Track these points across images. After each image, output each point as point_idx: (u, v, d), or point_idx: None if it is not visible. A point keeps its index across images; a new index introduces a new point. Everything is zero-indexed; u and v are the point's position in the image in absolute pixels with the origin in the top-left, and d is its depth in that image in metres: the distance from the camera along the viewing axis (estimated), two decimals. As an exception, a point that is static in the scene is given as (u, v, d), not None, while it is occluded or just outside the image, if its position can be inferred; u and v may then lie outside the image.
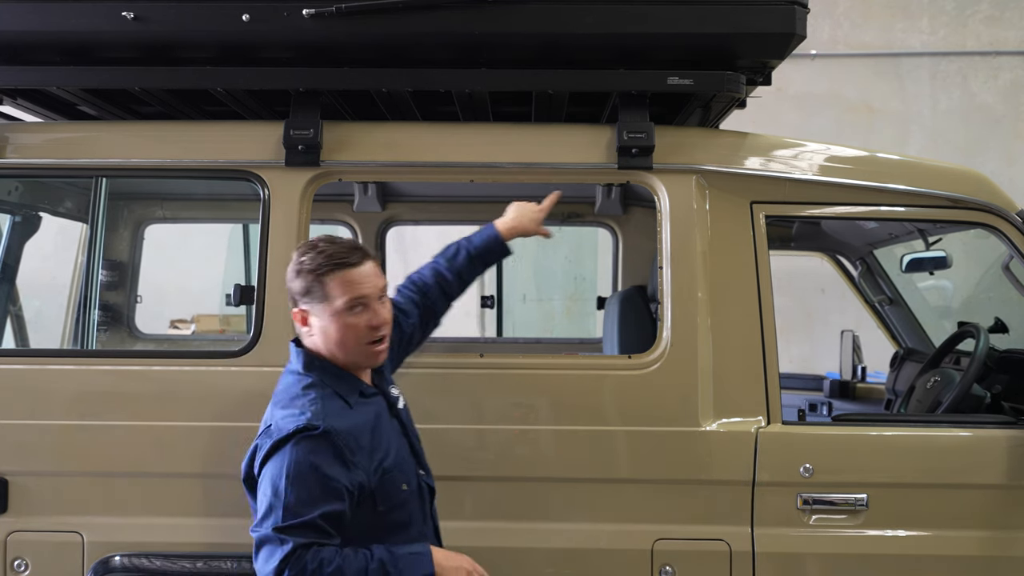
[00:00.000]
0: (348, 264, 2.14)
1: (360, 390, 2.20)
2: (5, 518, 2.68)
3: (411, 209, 4.50)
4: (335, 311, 2.13)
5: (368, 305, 2.15)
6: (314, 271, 2.13)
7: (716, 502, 2.67)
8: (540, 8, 2.55)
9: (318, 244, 2.18)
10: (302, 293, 2.15)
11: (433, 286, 2.58)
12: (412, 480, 2.23)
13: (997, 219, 2.78)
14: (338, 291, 2.12)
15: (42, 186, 3.67)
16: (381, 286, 2.19)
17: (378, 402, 2.25)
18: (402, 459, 2.22)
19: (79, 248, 4.17)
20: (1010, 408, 2.88)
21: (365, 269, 2.16)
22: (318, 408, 2.08)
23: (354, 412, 2.15)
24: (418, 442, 2.37)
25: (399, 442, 2.25)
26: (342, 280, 2.12)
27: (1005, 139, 7.36)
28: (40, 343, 4.29)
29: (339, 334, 2.14)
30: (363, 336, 2.15)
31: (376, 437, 2.16)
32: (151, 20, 2.56)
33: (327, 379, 2.16)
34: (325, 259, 2.13)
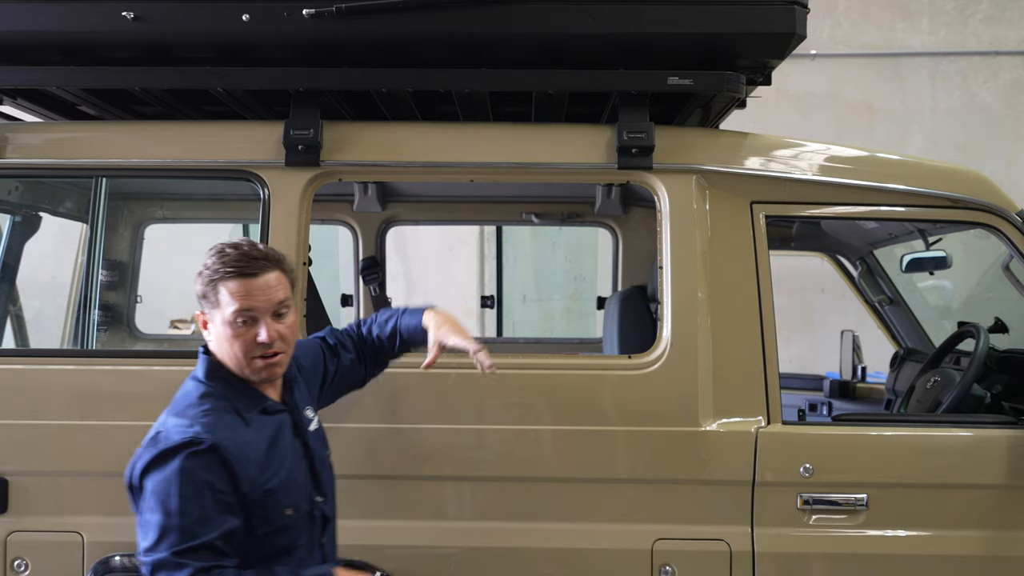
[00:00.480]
0: (242, 274, 2.04)
1: (263, 406, 2.13)
2: (5, 518, 2.68)
3: (411, 209, 4.50)
4: (224, 320, 2.05)
5: (257, 319, 2.05)
6: (210, 276, 2.06)
7: (716, 502, 2.67)
8: (540, 8, 2.55)
9: (225, 249, 2.08)
10: (200, 296, 2.09)
11: (374, 334, 2.52)
12: (302, 505, 2.14)
13: (997, 219, 2.78)
14: (227, 300, 2.04)
15: (42, 186, 3.67)
16: (278, 300, 2.07)
17: (282, 419, 2.16)
18: (292, 482, 2.12)
19: (79, 248, 4.17)
20: (1010, 408, 2.88)
21: (261, 281, 2.05)
22: (209, 421, 2.01)
23: (248, 428, 2.07)
24: (324, 468, 2.27)
25: (296, 464, 2.16)
26: (233, 289, 2.04)
27: (1005, 139, 7.35)
28: (40, 343, 4.29)
29: (228, 344, 2.07)
30: (250, 349, 2.06)
31: (267, 456, 2.08)
32: (151, 20, 2.56)
33: (227, 391, 2.09)
34: (222, 265, 2.05)
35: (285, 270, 2.13)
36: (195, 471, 1.95)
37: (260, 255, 2.09)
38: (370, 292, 4.54)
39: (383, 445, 2.67)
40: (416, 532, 2.69)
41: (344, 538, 2.62)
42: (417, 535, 2.69)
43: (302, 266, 2.72)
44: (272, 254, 2.12)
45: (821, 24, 7.31)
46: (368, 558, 2.65)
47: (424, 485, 2.70)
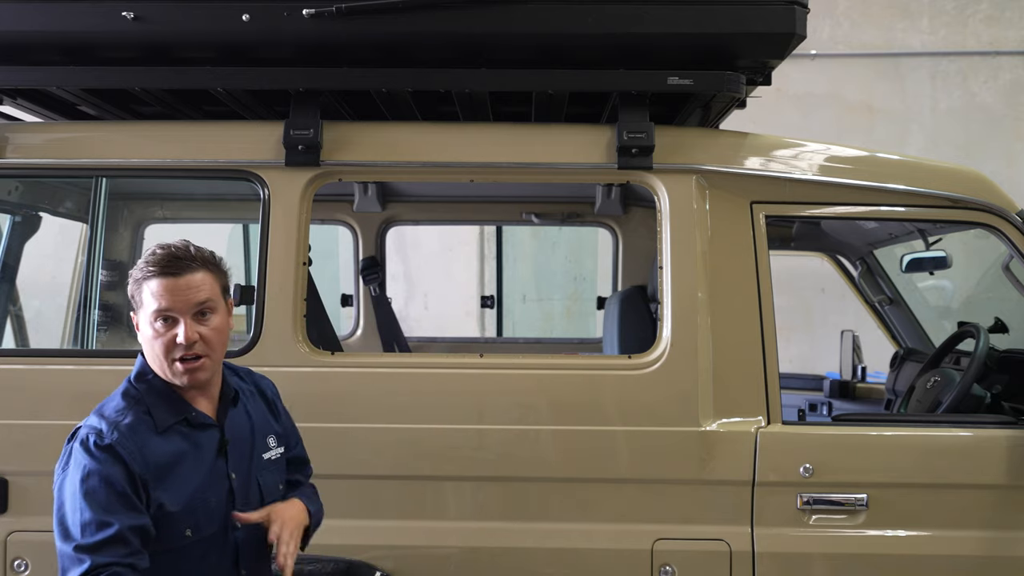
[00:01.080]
0: (163, 273, 1.99)
1: (185, 416, 2.05)
2: (5, 518, 2.68)
3: (411, 209, 4.50)
4: (145, 319, 2.02)
5: (176, 320, 2.00)
6: (135, 277, 2.03)
7: (716, 502, 2.67)
8: (540, 8, 2.55)
9: (156, 250, 2.04)
10: (130, 298, 2.07)
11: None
12: (206, 528, 2.04)
13: (997, 219, 2.78)
14: (148, 300, 2.00)
15: (42, 186, 3.66)
16: (198, 300, 2.01)
17: (207, 436, 2.08)
18: (199, 502, 2.03)
19: (79, 248, 4.17)
20: (1010, 408, 2.88)
21: (182, 281, 2.00)
22: (120, 422, 1.97)
23: (157, 438, 2.00)
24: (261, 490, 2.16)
25: (211, 484, 2.06)
26: (154, 289, 1.99)
27: (1005, 139, 7.36)
28: (40, 343, 4.29)
29: (149, 345, 2.03)
30: (169, 350, 2.01)
31: (169, 472, 2.00)
32: (151, 20, 2.56)
33: (150, 397, 2.04)
34: (146, 266, 2.02)
35: (214, 271, 2.08)
36: (97, 468, 1.91)
37: (187, 255, 2.04)
38: (370, 292, 4.54)
39: (383, 445, 2.67)
40: (416, 532, 2.69)
41: (344, 538, 2.63)
42: (417, 535, 2.69)
43: (302, 266, 2.72)
44: (202, 255, 2.07)
45: (821, 24, 7.31)
46: (368, 558, 2.65)
47: (424, 485, 2.70)
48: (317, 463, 2.61)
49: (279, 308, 2.66)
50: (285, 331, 2.66)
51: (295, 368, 2.66)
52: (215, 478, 2.07)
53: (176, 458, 2.02)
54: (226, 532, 2.08)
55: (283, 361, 2.63)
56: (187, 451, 2.04)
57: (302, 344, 2.68)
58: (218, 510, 2.06)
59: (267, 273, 2.69)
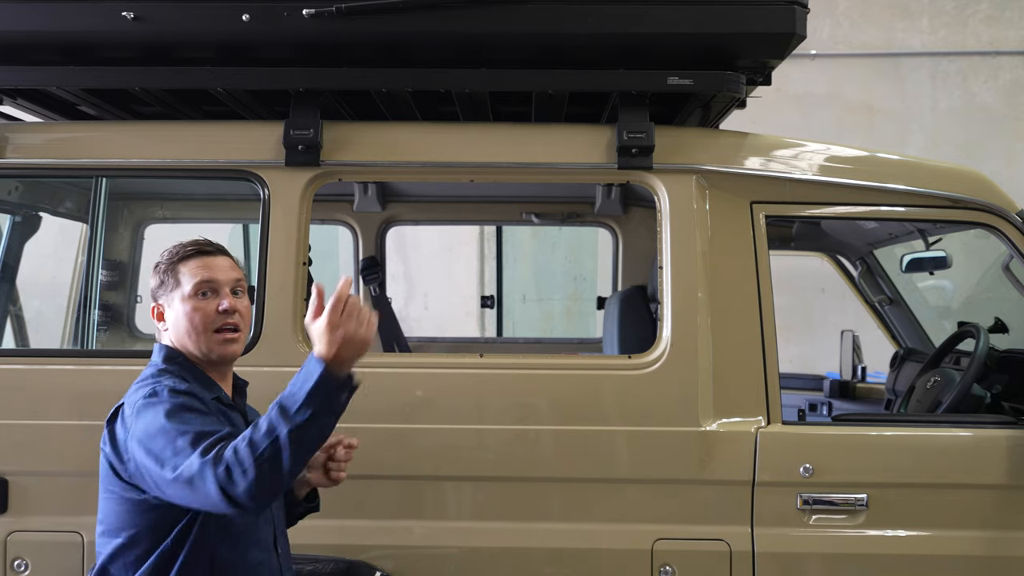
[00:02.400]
0: (201, 252, 2.14)
1: (217, 395, 2.13)
2: (5, 518, 2.67)
3: (411, 209, 4.50)
4: (184, 296, 2.10)
5: (218, 291, 2.11)
6: (169, 261, 2.13)
7: (716, 502, 2.67)
8: (540, 8, 2.55)
9: (181, 241, 2.18)
10: (156, 287, 2.14)
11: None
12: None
13: (997, 219, 2.78)
14: (188, 276, 2.10)
15: (42, 186, 3.66)
16: (235, 277, 2.15)
17: (234, 418, 2.15)
18: None
19: (79, 248, 4.17)
20: (1010, 408, 2.88)
21: (219, 260, 2.15)
22: (176, 380, 2.05)
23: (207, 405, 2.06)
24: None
25: None
26: (193, 265, 2.12)
27: (1005, 139, 7.36)
28: (40, 343, 4.29)
29: (188, 319, 2.09)
30: (212, 321, 2.09)
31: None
32: (151, 20, 2.56)
33: (186, 374, 2.11)
34: (179, 249, 2.14)
35: (233, 257, 2.21)
36: (177, 398, 1.97)
37: (214, 242, 2.20)
38: (370, 292, 4.54)
39: (384, 445, 2.67)
40: (416, 532, 2.69)
41: (344, 538, 2.63)
42: (417, 535, 2.69)
43: (302, 266, 2.72)
44: (224, 248, 2.22)
45: (821, 24, 7.31)
46: (368, 558, 2.65)
47: (424, 485, 2.70)
48: (317, 463, 2.61)
49: (279, 308, 2.66)
50: (285, 331, 2.66)
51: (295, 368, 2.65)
52: None
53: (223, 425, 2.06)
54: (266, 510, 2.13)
55: (283, 361, 2.63)
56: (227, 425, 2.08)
57: (302, 344, 2.68)
58: None
59: (267, 273, 2.69)
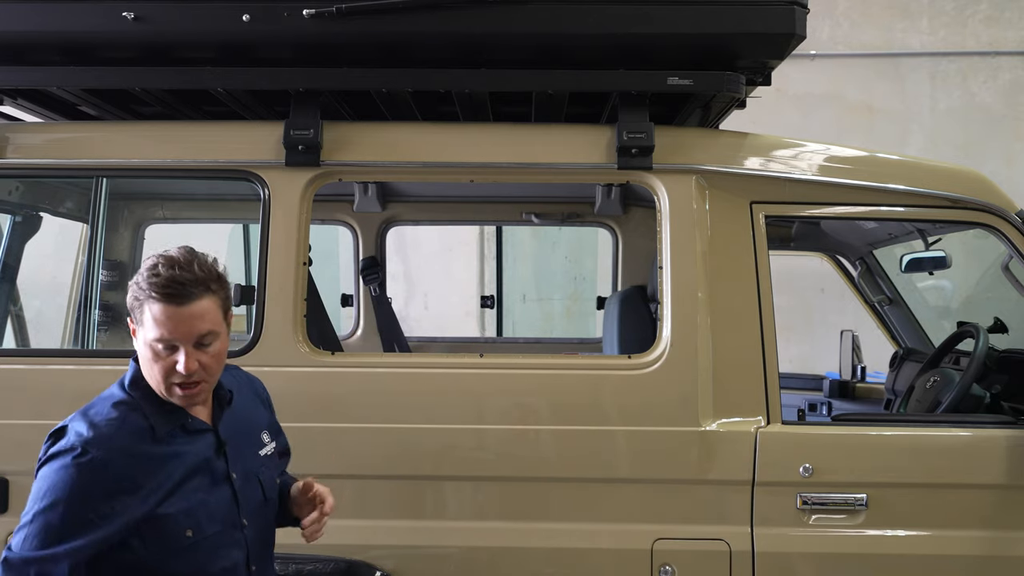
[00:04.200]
0: (167, 300, 1.93)
1: (182, 424, 2.03)
2: (5, 518, 2.67)
3: (411, 209, 4.50)
4: (145, 341, 1.97)
5: (177, 348, 1.96)
6: (136, 295, 1.97)
7: (716, 502, 2.67)
8: (540, 8, 2.55)
9: (158, 267, 1.96)
10: (129, 307, 2.01)
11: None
12: (211, 527, 2.02)
13: (997, 219, 2.78)
14: (150, 323, 1.94)
15: (42, 186, 3.67)
16: (201, 332, 1.96)
17: (203, 440, 2.06)
18: (199, 504, 2.01)
19: (79, 248, 4.17)
20: (1010, 408, 2.88)
21: (186, 311, 1.94)
22: (110, 431, 1.94)
23: (155, 446, 1.98)
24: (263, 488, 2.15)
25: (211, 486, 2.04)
26: (157, 314, 1.93)
27: (1005, 139, 7.36)
28: (40, 343, 4.29)
29: (148, 365, 1.98)
30: (168, 375, 1.97)
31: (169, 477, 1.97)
32: (151, 20, 2.56)
33: (145, 403, 2.00)
34: (151, 284, 1.94)
35: (217, 292, 2.02)
36: (73, 477, 1.88)
37: (192, 279, 1.96)
38: (370, 292, 4.54)
39: (383, 445, 2.67)
40: (416, 532, 2.69)
41: (344, 538, 2.63)
42: (417, 535, 2.69)
43: (302, 266, 2.72)
44: (205, 277, 1.99)
45: (821, 24, 7.32)
46: (368, 558, 2.66)
47: (424, 485, 2.70)
48: (317, 463, 2.62)
49: (279, 308, 2.66)
50: (285, 331, 2.67)
51: (295, 368, 2.66)
52: (214, 480, 2.06)
53: (171, 463, 1.99)
54: (234, 530, 2.07)
55: (283, 361, 2.63)
56: (183, 455, 2.02)
57: (302, 344, 2.69)
58: (219, 510, 2.05)
59: (267, 273, 2.69)
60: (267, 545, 2.19)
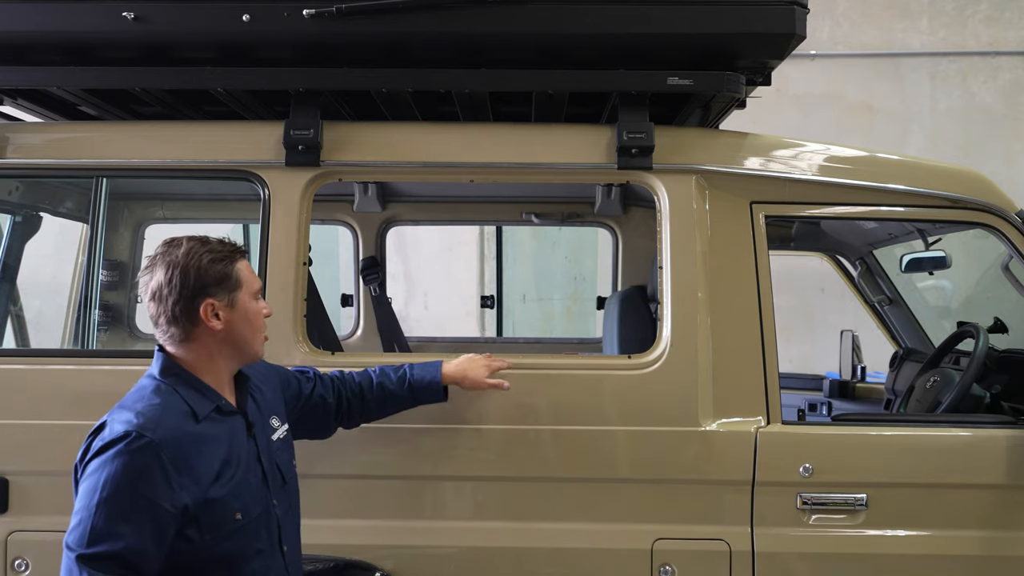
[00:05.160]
0: (243, 255, 2.14)
1: (218, 405, 2.09)
2: (5, 518, 2.68)
3: (411, 209, 4.50)
4: (252, 294, 2.13)
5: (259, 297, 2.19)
6: (223, 257, 2.06)
7: (716, 502, 2.67)
8: (540, 8, 2.55)
9: (198, 240, 2.09)
10: (215, 283, 2.05)
11: (363, 380, 2.54)
12: (253, 509, 2.07)
13: (997, 219, 2.78)
14: (249, 277, 2.12)
15: (42, 186, 3.67)
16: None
17: (235, 422, 2.13)
18: (244, 485, 2.06)
19: (79, 248, 4.17)
20: (1010, 408, 2.88)
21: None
22: (156, 415, 1.95)
23: (199, 427, 2.02)
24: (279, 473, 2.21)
25: (249, 467, 2.10)
26: (244, 268, 2.12)
27: (1005, 139, 7.36)
28: (40, 343, 4.29)
29: (251, 321, 2.12)
30: (261, 324, 2.17)
31: (216, 456, 2.02)
32: (151, 20, 2.56)
33: (181, 388, 2.05)
34: (223, 248, 2.08)
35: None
36: (125, 468, 1.88)
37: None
38: (370, 292, 4.54)
39: (383, 445, 2.67)
40: (416, 532, 2.69)
41: (344, 538, 2.63)
42: (417, 535, 2.69)
43: (302, 266, 2.72)
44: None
45: (821, 24, 7.32)
46: (368, 558, 2.66)
47: (424, 485, 2.71)
48: (317, 463, 2.62)
49: (279, 308, 2.66)
50: (285, 331, 2.67)
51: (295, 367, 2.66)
52: (250, 460, 2.12)
53: (217, 445, 2.04)
54: (268, 512, 2.13)
55: (283, 361, 2.63)
56: (222, 437, 2.07)
57: (302, 344, 2.69)
58: (258, 491, 2.11)
59: (267, 273, 2.69)
60: (295, 527, 2.26)
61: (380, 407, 2.56)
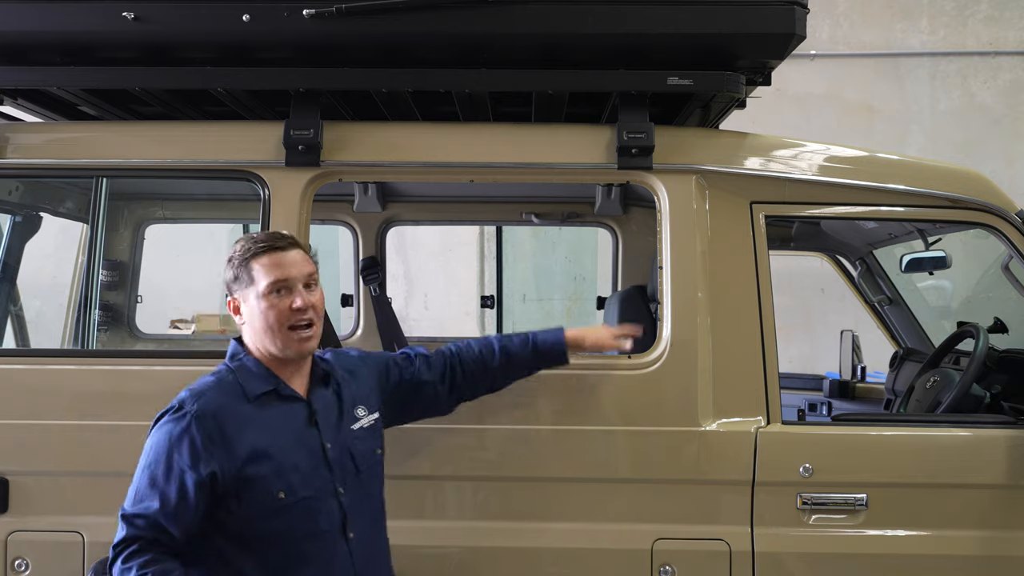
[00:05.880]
0: (273, 248, 2.17)
1: (276, 388, 2.17)
2: (5, 518, 2.68)
3: (411, 209, 4.50)
4: (259, 293, 2.14)
5: (291, 288, 2.16)
6: (242, 256, 2.17)
7: (716, 502, 2.67)
8: (540, 8, 2.55)
9: (253, 235, 2.24)
10: (231, 281, 2.19)
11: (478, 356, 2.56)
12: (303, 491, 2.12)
13: (997, 219, 2.78)
14: (262, 273, 2.15)
15: (43, 186, 3.67)
16: (307, 272, 2.20)
17: (296, 408, 2.19)
18: (290, 468, 2.11)
19: (79, 248, 4.17)
20: (1010, 408, 2.88)
21: (291, 255, 2.18)
22: (203, 390, 2.12)
23: (249, 406, 2.13)
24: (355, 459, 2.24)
25: (301, 451, 2.15)
26: (266, 263, 2.15)
27: (1005, 139, 7.36)
28: (40, 343, 4.29)
29: (262, 317, 2.14)
30: (285, 318, 2.14)
31: (259, 435, 2.10)
32: (151, 20, 2.56)
33: (240, 371, 2.18)
34: (252, 244, 2.18)
35: (308, 255, 2.26)
36: (165, 436, 2.06)
37: (284, 234, 2.24)
38: (370, 292, 4.54)
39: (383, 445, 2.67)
40: (416, 532, 2.69)
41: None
42: (417, 535, 2.69)
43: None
44: (291, 235, 2.27)
45: (821, 24, 7.31)
46: (368, 558, 2.65)
47: (424, 485, 2.71)
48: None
49: (279, 308, 2.66)
50: (285, 331, 2.66)
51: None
52: (306, 446, 2.17)
53: (264, 424, 2.13)
54: (329, 498, 2.18)
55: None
56: (275, 419, 2.15)
57: (302, 344, 2.68)
58: (313, 476, 2.16)
59: (267, 273, 2.68)
60: (369, 515, 2.29)
61: (504, 374, 2.59)
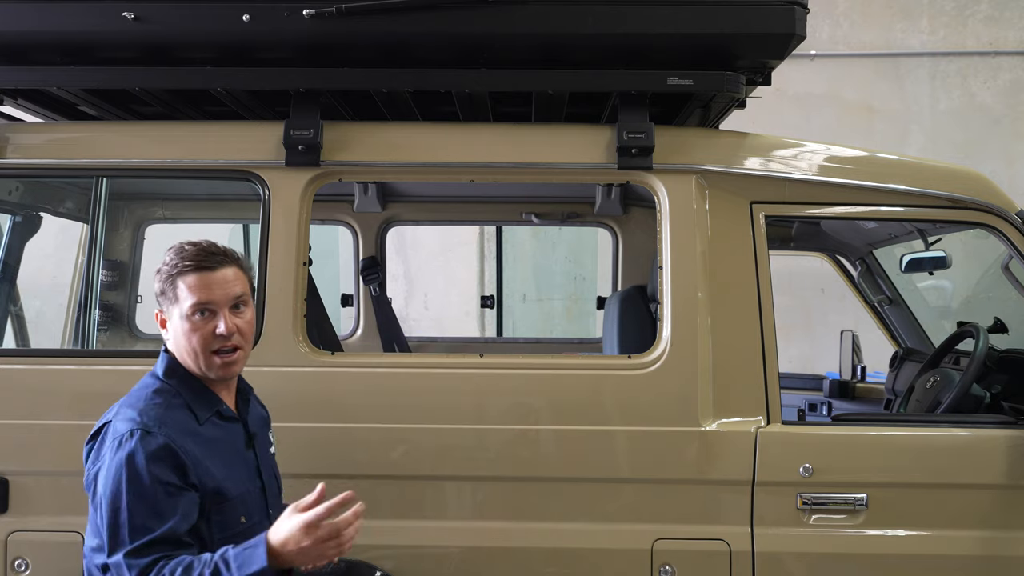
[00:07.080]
0: (200, 267, 2.07)
1: (218, 409, 2.13)
2: (5, 518, 2.68)
3: (411, 209, 4.50)
4: (182, 314, 2.07)
5: (215, 312, 2.08)
6: (168, 272, 2.09)
7: (716, 502, 2.67)
8: (540, 8, 2.55)
9: (184, 246, 2.12)
10: (159, 294, 2.11)
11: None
12: (256, 515, 2.13)
13: (997, 219, 2.78)
14: (186, 293, 2.06)
15: (42, 186, 3.67)
16: (235, 294, 2.10)
17: (235, 429, 2.17)
18: (247, 492, 2.12)
19: (79, 248, 4.17)
20: (1010, 408, 2.88)
21: (218, 275, 2.08)
22: (159, 414, 2.01)
23: (201, 428, 2.07)
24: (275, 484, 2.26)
25: (249, 476, 2.16)
26: (191, 282, 2.06)
27: (1005, 139, 7.36)
28: (40, 343, 4.29)
29: (185, 339, 2.07)
30: (208, 343, 2.07)
31: (219, 458, 2.07)
32: (151, 20, 2.56)
33: (183, 390, 2.09)
34: (179, 260, 2.08)
35: (243, 267, 2.16)
36: (143, 465, 1.93)
37: (218, 251, 2.12)
38: (370, 292, 4.54)
39: (383, 445, 2.67)
40: (416, 532, 2.69)
41: (344, 538, 2.63)
42: (417, 535, 2.69)
43: (302, 266, 2.72)
44: (230, 252, 2.15)
45: (821, 24, 7.31)
46: (368, 558, 2.65)
47: (424, 485, 2.70)
48: (317, 463, 2.62)
49: (279, 308, 2.66)
50: (285, 331, 2.66)
51: (295, 368, 2.66)
52: (250, 469, 2.14)
53: (220, 448, 2.07)
54: (268, 522, 2.11)
55: (283, 361, 2.63)
56: (224, 441, 2.10)
57: (302, 344, 2.68)
58: (257, 501, 2.13)
59: (267, 273, 2.69)
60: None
61: None
